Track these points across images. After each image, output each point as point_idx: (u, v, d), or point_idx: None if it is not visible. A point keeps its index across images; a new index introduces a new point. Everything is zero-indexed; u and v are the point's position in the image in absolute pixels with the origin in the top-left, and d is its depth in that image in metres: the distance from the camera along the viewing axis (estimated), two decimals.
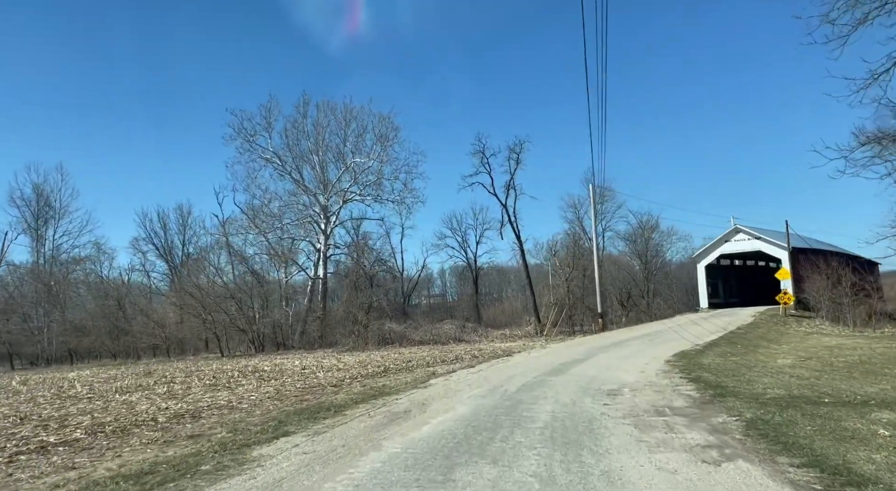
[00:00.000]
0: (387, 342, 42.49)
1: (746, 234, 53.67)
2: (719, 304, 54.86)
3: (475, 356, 27.29)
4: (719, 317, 39.12)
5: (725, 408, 9.93)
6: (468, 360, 25.20)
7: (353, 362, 28.07)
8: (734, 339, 25.39)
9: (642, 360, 18.78)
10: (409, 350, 36.26)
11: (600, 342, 26.83)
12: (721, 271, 60.38)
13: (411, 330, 43.67)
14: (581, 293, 44.25)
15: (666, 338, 26.78)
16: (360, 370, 22.51)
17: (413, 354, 32.09)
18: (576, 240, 47.40)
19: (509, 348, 31.10)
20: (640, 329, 34.19)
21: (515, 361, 20.77)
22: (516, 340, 40.70)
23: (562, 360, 19.96)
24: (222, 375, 25.30)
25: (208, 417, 12.09)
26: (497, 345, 36.86)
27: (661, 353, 20.68)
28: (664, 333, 29.70)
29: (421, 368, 21.95)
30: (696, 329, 30.15)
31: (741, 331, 28.96)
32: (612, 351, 22.33)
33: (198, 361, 38.11)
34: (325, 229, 48.30)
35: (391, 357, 29.96)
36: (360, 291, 44.85)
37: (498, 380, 15.18)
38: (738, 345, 23.09)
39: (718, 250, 55.16)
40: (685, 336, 26.76)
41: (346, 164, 48.39)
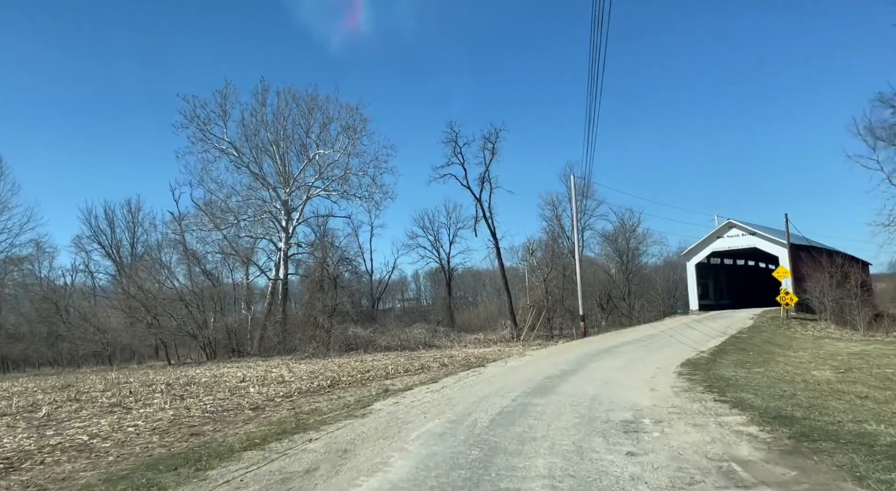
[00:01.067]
0: (351, 348, 38.23)
1: (741, 229, 49.61)
2: (709, 306, 50.80)
3: (444, 365, 23.55)
4: (714, 320, 35.38)
5: (837, 466, 5.85)
6: (435, 369, 21.30)
7: (303, 372, 24.05)
8: (741, 344, 21.60)
9: (646, 371, 14.83)
10: (373, 357, 32.25)
11: (587, 348, 22.83)
12: (712, 270, 56.34)
13: (378, 335, 39.36)
14: (560, 295, 40.32)
15: (662, 343, 22.93)
16: (306, 384, 18.44)
17: (375, 362, 28.12)
18: (554, 238, 43.51)
19: (483, 355, 27.46)
20: (628, 333, 30.27)
21: (490, 374, 16.65)
22: (491, 346, 36.73)
23: (546, 372, 15.92)
24: (143, 389, 21.08)
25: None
26: (470, 351, 33.06)
27: (664, 362, 16.78)
28: (658, 337, 25.86)
29: (376, 382, 17.87)
30: (693, 333, 26.38)
31: (744, 335, 25.21)
32: (604, 360, 18.34)
33: (138, 370, 33.49)
34: (286, 227, 43.77)
35: (350, 366, 26.15)
36: (323, 293, 40.41)
37: (465, 404, 11.05)
38: (750, 352, 19.28)
39: (710, 247, 50.94)
40: (684, 341, 22.93)
41: (309, 157, 43.92)
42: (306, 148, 43.98)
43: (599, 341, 26.13)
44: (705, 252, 51.31)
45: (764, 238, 47.41)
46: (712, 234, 50.49)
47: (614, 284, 49.80)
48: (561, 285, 40.47)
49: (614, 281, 50.18)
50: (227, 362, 35.58)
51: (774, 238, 45.67)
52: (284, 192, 43.35)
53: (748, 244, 48.81)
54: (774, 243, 46.21)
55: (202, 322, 39.80)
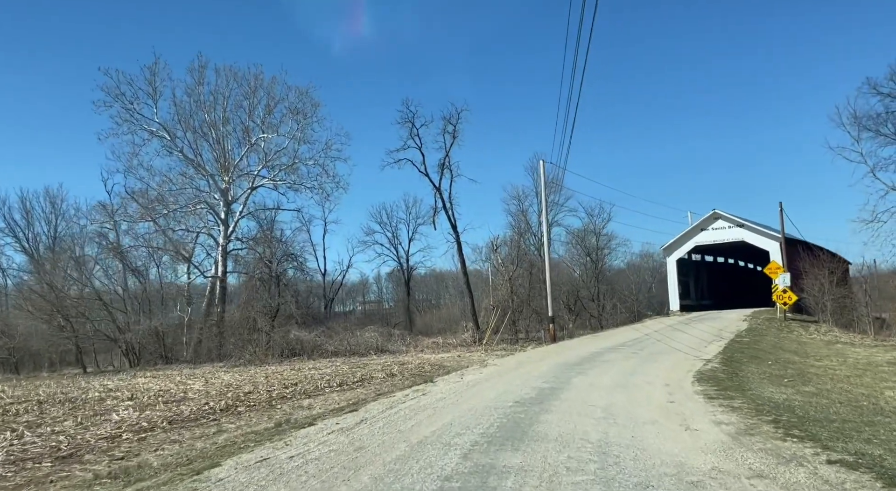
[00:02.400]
0: (294, 354, 33.20)
1: (727, 221, 45.12)
2: (691, 306, 46.72)
3: (391, 375, 19.41)
4: (702, 321, 31.31)
5: None
6: (378, 381, 17.10)
7: (220, 385, 19.63)
8: (749, 351, 17.48)
9: (655, 391, 10.51)
10: (315, 365, 27.51)
11: (563, 356, 18.33)
12: (693, 268, 51.62)
13: (325, 339, 34.26)
14: (527, 295, 35.87)
15: (654, 349, 18.64)
16: (200, 405, 13.76)
17: (313, 371, 23.46)
18: (520, 233, 39.05)
19: (439, 363, 23.26)
20: (607, 337, 25.87)
21: (437, 396, 12.04)
22: (450, 351, 32.19)
23: (516, 393, 11.41)
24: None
25: None
26: (426, 357, 28.53)
27: (670, 375, 12.51)
28: (645, 342, 21.57)
29: (290, 403, 13.30)
30: (684, 337, 22.20)
31: (746, 339, 21.08)
32: (590, 373, 13.88)
33: (39, 379, 27.87)
34: (225, 219, 38.34)
35: (281, 376, 21.00)
36: (265, 292, 35.17)
37: (380, 465, 6.33)
38: (767, 361, 15.10)
39: (693, 241, 46.18)
40: (677, 347, 18.67)
41: (251, 142, 38.59)
42: (249, 132, 38.73)
43: (576, 347, 21.69)
44: (688, 246, 46.73)
45: (753, 230, 43.20)
46: (695, 226, 46.08)
47: (582, 284, 45.58)
48: (527, 284, 36.05)
49: (582, 281, 45.94)
50: (150, 370, 30.20)
51: (764, 230, 41.85)
52: (223, 181, 37.96)
53: (735, 237, 44.34)
54: (764, 236, 42.14)
55: (125, 325, 34.15)
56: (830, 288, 30.84)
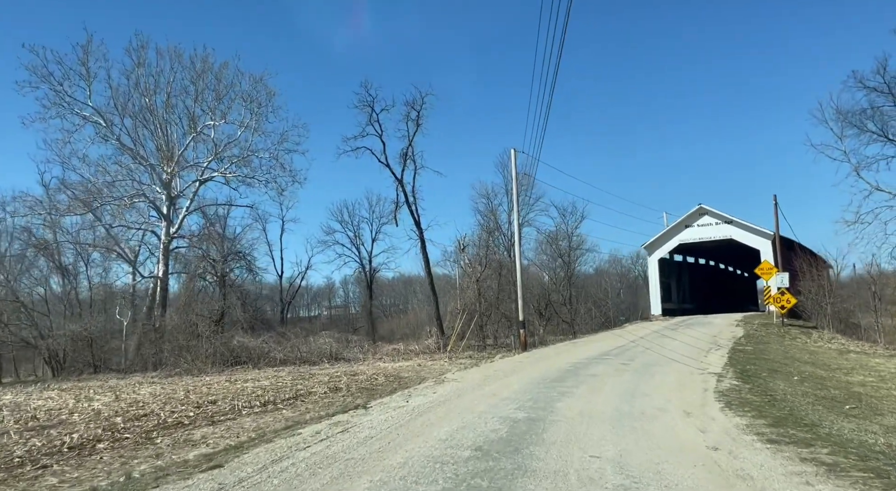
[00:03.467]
0: (239, 362, 29.51)
1: (714, 217, 41.60)
2: (673, 310, 43.63)
3: (335, 389, 15.95)
4: (690, 327, 28.38)
5: None
6: (316, 398, 14.59)
7: (124, 403, 16.22)
8: (761, 362, 14.66)
9: (679, 426, 7.61)
10: (256, 375, 24.07)
11: (539, 368, 15.16)
12: (675, 269, 48.01)
13: (274, 346, 30.59)
14: (495, 298, 32.76)
15: (645, 359, 15.67)
16: (63, 434, 10.05)
17: (250, 383, 20.23)
18: (489, 231, 35.94)
19: (397, 373, 20.61)
20: (587, 344, 22.77)
21: (366, 432, 8.78)
22: (412, 358, 28.96)
23: (477, 429, 8.25)
24: None
25: None
26: (383, 365, 25.40)
27: (683, 396, 9.49)
28: (632, 350, 18.60)
29: (180, 433, 10.10)
30: (674, 344, 19.30)
31: (748, 348, 18.19)
32: (576, 392, 10.80)
33: None
34: (168, 214, 34.41)
35: (207, 390, 17.66)
36: (207, 294, 31.41)
37: None
38: (792, 375, 12.25)
39: (677, 238, 42.64)
40: (671, 356, 15.72)
41: (197, 130, 34.77)
42: (195, 120, 34.92)
43: (552, 356, 18.53)
44: (671, 245, 43.13)
45: (742, 228, 39.92)
46: (679, 222, 42.60)
47: (553, 288, 42.60)
48: (496, 287, 32.95)
49: (553, 285, 42.98)
50: (71, 381, 26.18)
51: (755, 227, 38.85)
52: (166, 172, 34.04)
53: (722, 235, 41.09)
54: (755, 234, 39.02)
55: (48, 330, 30.03)
56: (831, 291, 28.30)
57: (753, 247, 39.31)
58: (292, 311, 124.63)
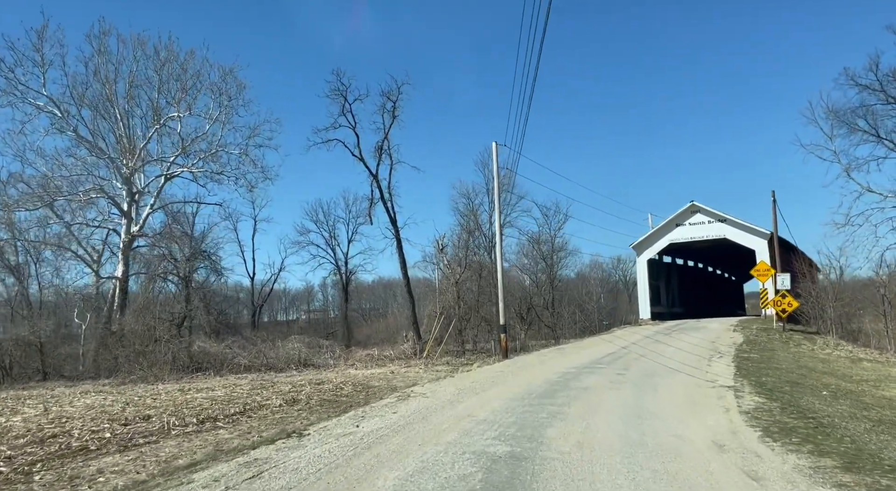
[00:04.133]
0: (201, 368, 27.34)
1: (707, 214, 39.22)
2: (662, 314, 41.25)
3: (291, 402, 13.97)
4: (683, 332, 26.48)
5: None
6: (258, 418, 12.52)
7: (50, 417, 14.19)
8: (776, 373, 12.94)
9: (717, 470, 5.35)
10: (214, 383, 21.95)
11: (522, 380, 13.25)
12: (664, 271, 45.22)
13: (239, 351, 28.40)
14: (475, 301, 30.89)
15: (643, 369, 13.89)
16: None
17: (200, 394, 18.23)
18: (469, 231, 34.09)
19: (366, 381, 17.95)
20: (576, 351, 20.89)
21: (287, 479, 6.39)
22: (386, 364, 27.07)
23: (441, 474, 5.98)
24: None
25: None
26: (354, 373, 23.50)
27: (704, 420, 7.88)
28: (625, 357, 16.81)
29: (68, 468, 7.59)
30: (670, 351, 17.56)
31: (755, 356, 16.41)
32: (570, 413, 8.96)
33: None
34: (128, 211, 32.05)
35: (151, 402, 15.65)
36: (169, 296, 29.15)
37: None
38: (820, 390, 10.48)
39: (668, 237, 40.06)
40: (671, 365, 13.99)
41: (160, 122, 32.50)
42: (159, 112, 32.61)
43: (536, 364, 16.62)
44: (661, 244, 40.53)
45: (736, 226, 37.65)
46: (670, 220, 40.07)
47: (536, 292, 40.87)
48: (476, 289, 31.09)
49: (536, 288, 41.25)
50: (13, 390, 23.81)
51: (750, 226, 36.75)
52: (126, 167, 31.71)
53: (716, 234, 38.64)
54: (750, 233, 36.84)
55: None
56: (834, 294, 26.69)
57: (748, 247, 37.24)
58: (269, 314, 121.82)
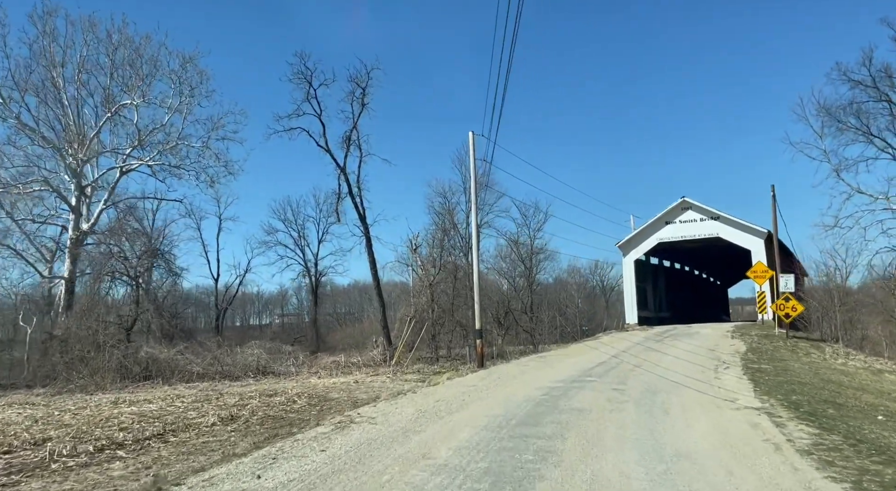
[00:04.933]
0: (149, 376, 24.76)
1: (699, 211, 36.30)
2: (649, 318, 38.37)
3: (227, 420, 11.88)
4: (675, 338, 24.21)
5: None
6: (176, 443, 10.24)
7: None
8: (807, 389, 10.95)
9: None
10: (152, 395, 19.71)
11: (498, 399, 11.04)
12: (651, 272, 42.08)
13: (192, 358, 25.81)
14: (450, 304, 28.69)
15: (643, 384, 11.77)
16: None
17: (128, 408, 15.68)
18: (445, 230, 31.89)
19: (325, 393, 15.80)
20: (560, 359, 18.61)
21: None
22: (353, 372, 24.81)
23: None
24: None
25: None
26: (315, 382, 21.25)
27: (754, 463, 5.46)
28: (618, 368, 14.68)
29: None
30: (669, 361, 15.55)
31: (766, 367, 14.26)
32: (564, 447, 6.80)
33: None
34: (77, 206, 29.30)
35: (72, 417, 13.54)
36: (115, 297, 26.49)
37: None
38: (870, 411, 8.17)
39: (656, 236, 37.16)
40: (674, 378, 11.97)
41: (112, 110, 29.80)
42: (110, 98, 29.93)
43: (516, 375, 14.32)
44: (649, 243, 37.52)
45: (731, 224, 34.89)
46: (659, 218, 37.10)
47: (514, 295, 38.81)
48: (451, 291, 28.90)
49: (514, 291, 39.18)
50: None
51: (746, 224, 34.05)
52: (73, 157, 28.97)
53: (708, 232, 35.71)
54: (746, 232, 34.10)
55: None
56: (840, 299, 24.79)
57: (743, 247, 34.55)
58: (242, 319, 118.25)
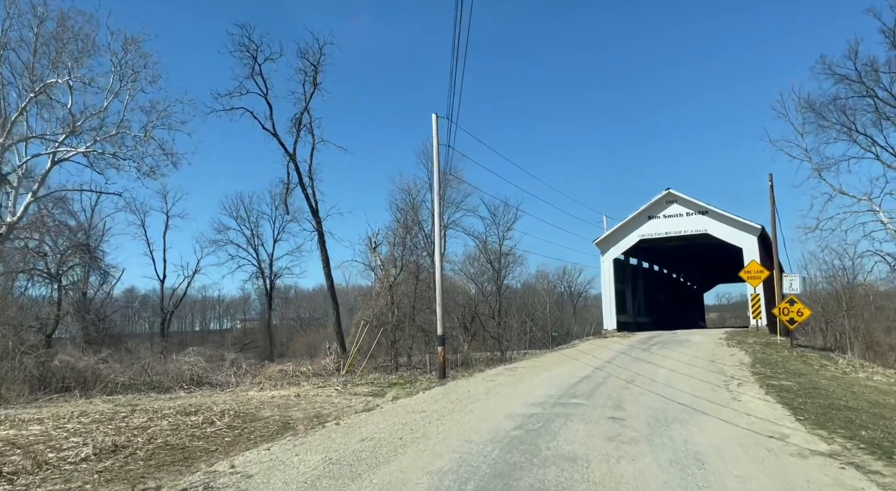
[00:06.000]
0: (67, 387, 21.62)
1: (685, 205, 32.50)
2: (628, 324, 34.69)
3: (109, 453, 8.83)
4: (663, 346, 21.00)
5: None
6: None
7: None
8: (871, 418, 8.23)
9: None
10: (56, 411, 16.47)
11: (456, 434, 8.33)
12: (630, 274, 38.48)
13: (116, 367, 22.64)
14: (412, 307, 25.99)
15: (648, 408, 9.11)
16: None
17: (5, 432, 12.14)
18: (407, 228, 29.14)
19: (256, 411, 13.18)
20: (535, 373, 15.75)
21: None
22: (299, 383, 22.16)
23: None
24: None
25: None
26: (252, 395, 18.52)
27: None
28: (606, 384, 12.04)
29: None
30: (665, 375, 13.16)
31: (789, 383, 11.40)
32: None
33: None
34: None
35: None
36: (30, 298, 23.08)
37: None
38: None
39: (638, 232, 33.36)
40: (678, 398, 9.61)
41: (36, 90, 26.38)
42: (33, 75, 26.55)
43: (480, 396, 11.57)
44: (630, 240, 33.58)
45: (720, 219, 31.27)
46: (642, 211, 33.48)
47: (482, 299, 36.31)
48: (413, 293, 26.21)
49: (482, 295, 36.68)
50: None
51: (738, 218, 30.64)
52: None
53: (695, 228, 32.04)
54: (737, 228, 30.61)
55: None
56: (847, 303, 22.59)
57: (734, 244, 30.77)
58: (201, 323, 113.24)
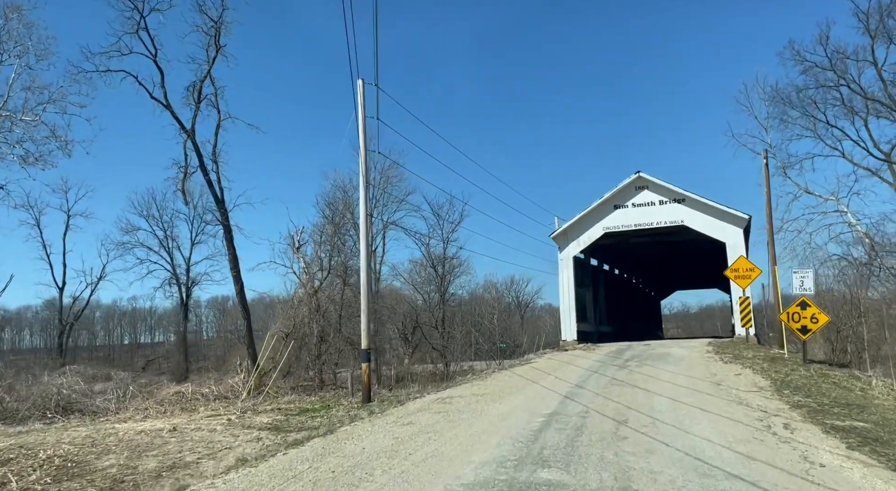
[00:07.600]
0: None
1: (658, 192, 26.72)
2: (588, 334, 29.53)
3: None
4: (642, 363, 15.74)
5: None
6: None
7: None
8: None
9: None
10: None
11: None
12: (590, 275, 33.18)
13: None
14: (338, 317, 22.02)
15: (674, 483, 5.46)
16: None
17: None
18: (336, 226, 25.00)
19: (93, 461, 9.43)
20: (480, 406, 11.56)
21: None
22: (196, 409, 17.87)
23: None
24: None
25: None
26: (118, 428, 14.62)
27: None
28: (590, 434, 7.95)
29: None
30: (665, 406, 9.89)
31: (863, 425, 7.69)
32: None
33: None
34: None
35: None
36: None
37: None
38: None
39: (602, 224, 27.71)
40: (717, 463, 6.00)
41: None
42: None
43: (413, 436, 7.86)
44: (593, 234, 27.76)
45: (700, 207, 25.84)
46: (607, 199, 27.78)
47: (426, 307, 32.64)
48: (340, 299, 22.25)
49: (427, 304, 33.00)
50: None
51: (721, 207, 25.39)
52: None
53: (670, 218, 26.33)
54: (720, 218, 25.44)
55: None
56: (860, 311, 19.21)
57: (715, 238, 25.39)
58: (130, 336, 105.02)
